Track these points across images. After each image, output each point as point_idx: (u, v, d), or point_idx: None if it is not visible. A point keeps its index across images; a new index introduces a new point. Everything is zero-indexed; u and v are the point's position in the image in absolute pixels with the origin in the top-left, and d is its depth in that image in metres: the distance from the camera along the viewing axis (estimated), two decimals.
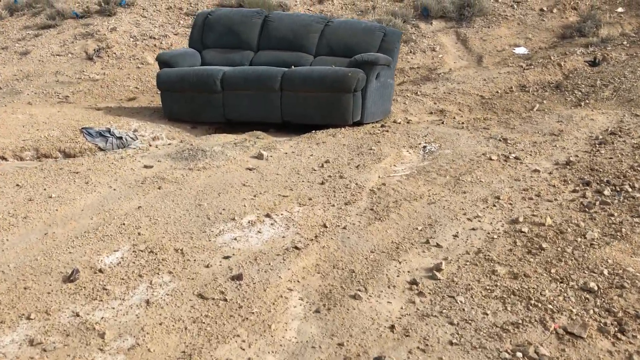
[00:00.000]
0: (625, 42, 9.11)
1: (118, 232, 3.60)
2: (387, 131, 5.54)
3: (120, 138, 5.89)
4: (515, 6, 11.36)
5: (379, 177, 4.40)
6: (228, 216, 3.76)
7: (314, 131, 5.75)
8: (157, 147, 5.51)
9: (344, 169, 4.56)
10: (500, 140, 5.04)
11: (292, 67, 5.96)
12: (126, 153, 5.28)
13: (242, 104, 6.02)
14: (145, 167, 4.82)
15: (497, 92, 7.02)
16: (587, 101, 6.34)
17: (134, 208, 3.95)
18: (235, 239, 3.47)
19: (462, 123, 5.77)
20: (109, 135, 5.92)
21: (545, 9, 11.25)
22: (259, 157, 4.91)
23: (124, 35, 10.21)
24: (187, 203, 3.99)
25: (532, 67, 7.74)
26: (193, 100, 6.15)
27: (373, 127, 5.80)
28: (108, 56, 9.61)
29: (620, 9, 11.04)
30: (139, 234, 3.57)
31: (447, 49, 10.09)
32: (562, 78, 7.31)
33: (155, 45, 9.97)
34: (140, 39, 10.13)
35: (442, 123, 5.79)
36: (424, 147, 5.03)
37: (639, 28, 10.15)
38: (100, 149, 5.81)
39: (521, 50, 10.05)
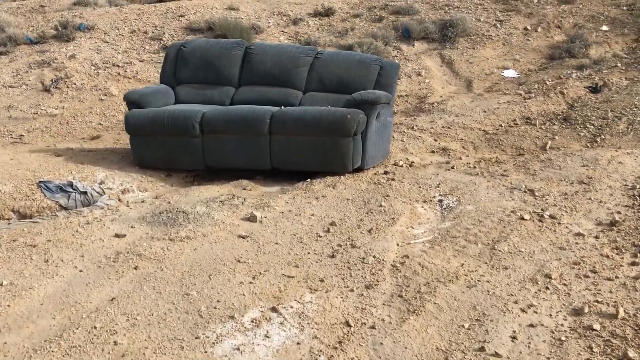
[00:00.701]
0: (619, 64, 8.71)
1: (88, 341, 2.85)
2: (393, 179, 4.89)
3: (85, 193, 5.09)
4: (499, 25, 10.95)
5: (398, 244, 3.74)
6: (225, 312, 3.04)
7: (309, 180, 5.06)
8: (128, 204, 4.73)
9: (354, 235, 3.88)
10: (525, 191, 4.44)
11: (282, 107, 5.27)
12: (92, 215, 4.50)
13: (225, 150, 5.29)
14: (117, 236, 4.06)
15: (501, 125, 6.46)
16: (603, 137, 5.82)
17: (106, 300, 3.20)
18: (237, 348, 2.75)
19: (474, 166, 5.16)
20: (71, 190, 5.12)
21: (529, 27, 10.86)
22: (252, 219, 4.20)
23: (85, 63, 9.38)
24: (171, 291, 3.25)
25: (533, 95, 7.23)
26: (168, 146, 5.40)
27: (375, 173, 5.14)
28: (67, 87, 8.77)
29: (605, 27, 10.72)
30: (115, 342, 2.83)
31: (432, 72, 9.57)
32: (566, 108, 6.80)
33: (119, 73, 9.18)
34: (102, 67, 9.31)
35: (452, 168, 5.17)
36: (440, 200, 4.39)
37: (629, 48, 9.80)
38: (62, 207, 5.01)
39: (510, 73, 9.59)
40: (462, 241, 3.72)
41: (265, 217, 4.23)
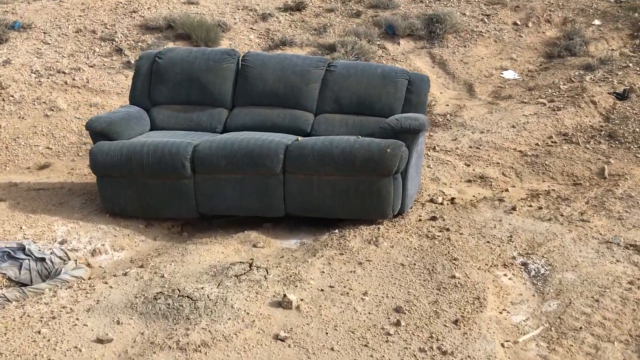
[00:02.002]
0: (630, 64, 7.94)
1: None
2: (448, 229, 3.86)
3: (42, 260, 3.83)
4: (487, 20, 10.06)
5: (503, 345, 2.70)
6: None
7: (337, 232, 3.97)
8: (106, 280, 3.50)
9: (436, 330, 2.82)
10: (626, 247, 3.49)
11: (298, 139, 4.12)
12: (58, 302, 3.26)
13: (224, 193, 4.13)
14: (99, 341, 2.86)
15: (537, 144, 5.53)
16: None
17: None
18: None
19: (539, 207, 4.19)
20: (23, 256, 3.85)
21: (518, 22, 10.03)
22: (285, 304, 3.07)
23: (23, 70, 7.89)
24: None
25: (561, 105, 6.33)
26: (149, 190, 4.19)
27: (420, 219, 4.09)
28: (3, 100, 7.29)
29: (597, 22, 10.00)
30: None
31: (425, 74, 8.53)
32: (602, 120, 5.95)
33: (66, 82, 7.75)
34: (45, 75, 7.85)
35: (513, 209, 4.18)
36: (524, 264, 3.39)
37: (633, 45, 9.08)
38: (11, 281, 3.77)
39: (510, 75, 8.73)
40: (589, 337, 2.72)
41: (302, 300, 3.12)
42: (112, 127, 4.32)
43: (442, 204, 4.43)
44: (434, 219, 4.09)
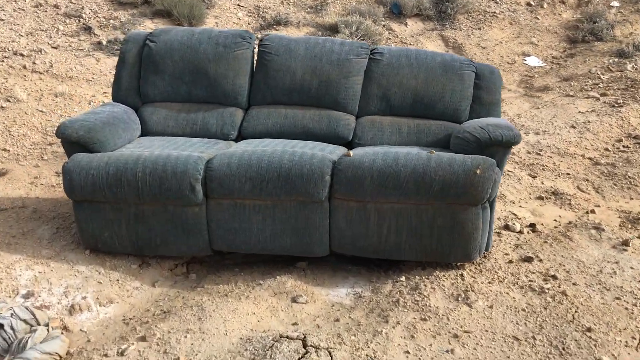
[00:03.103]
0: None
1: None
2: (555, 277, 2.89)
3: (1, 326, 2.74)
4: (498, 0, 9.09)
5: None
6: None
7: (404, 280, 2.96)
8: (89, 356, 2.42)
9: None
10: None
11: (348, 152, 3.06)
12: None
13: (248, 226, 3.07)
14: None
15: (607, 149, 4.60)
16: None
17: None
18: None
19: None
20: None
21: (532, 3, 9.10)
22: None
23: None
24: None
25: (621, 101, 5.41)
26: (144, 220, 3.10)
27: (510, 261, 3.11)
28: None
29: (615, 3, 9.13)
30: None
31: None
32: None
33: (25, 66, 6.49)
34: None
35: (625, 245, 3.23)
36: None
37: None
38: None
39: (534, 61, 7.81)
40: None
41: None
42: (93, 134, 3.18)
43: (521, 232, 3.46)
44: (528, 259, 3.10)
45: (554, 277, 2.91)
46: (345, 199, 3.01)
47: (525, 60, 7.89)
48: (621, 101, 5.41)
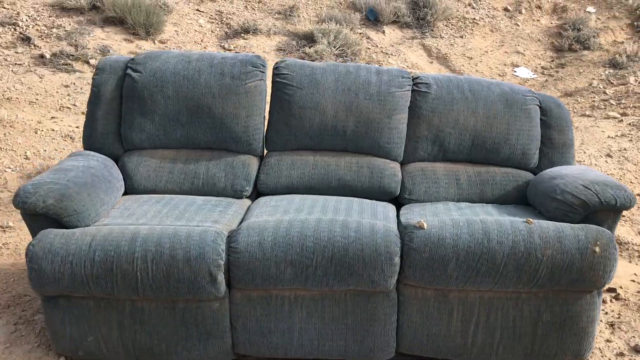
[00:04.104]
0: None
1: None
2: None
3: None
4: (475, 5, 8.58)
5: None
6: None
7: None
8: None
9: None
10: None
11: (420, 222, 2.30)
12: None
13: (286, 326, 2.28)
14: None
15: None
16: None
17: None
18: None
19: None
20: None
21: (510, 8, 8.65)
22: None
23: None
24: None
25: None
26: (144, 321, 2.27)
27: (620, 354, 2.45)
28: None
29: (591, 9, 8.81)
30: None
31: (425, 72, 6.98)
32: None
33: None
34: None
35: None
36: None
37: None
38: None
39: (524, 73, 7.31)
40: None
41: None
42: (67, 203, 2.31)
43: (604, 301, 2.83)
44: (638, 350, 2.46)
45: None
46: (419, 286, 2.27)
47: (515, 71, 7.39)
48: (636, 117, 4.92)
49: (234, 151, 2.87)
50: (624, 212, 3.66)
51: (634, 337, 2.55)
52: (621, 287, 2.99)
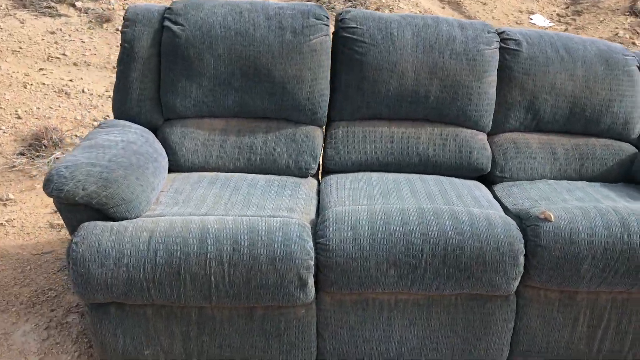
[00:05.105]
0: None
1: None
2: None
3: None
4: None
5: None
6: None
7: None
8: None
9: None
10: None
11: (548, 214, 1.93)
12: None
13: (384, 334, 1.95)
14: None
15: None
16: None
17: None
18: None
19: None
20: None
21: None
22: None
23: None
24: None
25: None
26: (212, 332, 1.90)
27: None
28: None
29: None
30: None
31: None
32: None
33: None
34: None
35: None
36: None
37: None
38: None
39: (541, 21, 6.88)
40: None
41: None
42: (114, 190, 1.87)
43: None
44: None
45: None
46: (543, 288, 1.93)
47: (531, 19, 6.96)
48: None
49: (295, 121, 2.44)
50: None
51: None
52: None
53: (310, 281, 1.84)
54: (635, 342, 1.99)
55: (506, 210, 2.11)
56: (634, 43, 5.80)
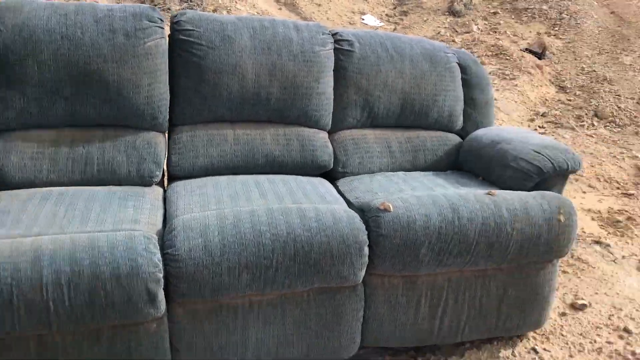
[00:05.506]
0: (500, 11, 7.15)
1: None
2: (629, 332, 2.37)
3: None
4: None
5: None
6: None
7: None
8: None
9: None
10: None
11: (387, 205, 2.05)
12: None
13: (240, 339, 1.96)
14: None
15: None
16: None
17: None
18: None
19: None
20: None
21: None
22: None
23: None
24: None
25: (508, 72, 5.12)
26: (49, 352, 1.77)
27: (562, 314, 2.51)
28: None
29: None
30: None
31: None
32: (558, 90, 4.93)
33: None
34: None
35: None
36: None
37: None
38: None
39: (372, 21, 7.31)
40: None
41: None
42: None
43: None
44: (581, 307, 2.53)
45: (627, 331, 2.38)
46: (387, 275, 2.05)
47: (363, 19, 7.33)
48: (508, 72, 5.14)
49: (134, 128, 2.34)
50: None
51: (566, 293, 2.61)
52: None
53: (161, 294, 1.78)
54: (469, 316, 2.18)
55: (349, 204, 2.20)
56: (454, 41, 6.34)
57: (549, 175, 2.28)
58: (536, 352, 2.25)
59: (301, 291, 1.97)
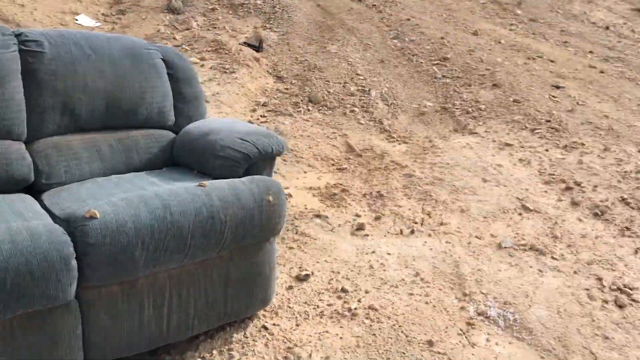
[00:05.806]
0: (218, 7, 7.39)
1: None
2: (359, 301, 2.66)
3: None
4: None
5: None
6: None
7: None
8: None
9: None
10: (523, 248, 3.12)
11: (94, 212, 1.94)
12: None
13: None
14: None
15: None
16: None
17: None
18: None
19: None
20: None
21: None
22: None
23: None
24: None
25: (228, 66, 5.26)
26: None
27: (289, 287, 2.69)
28: None
29: None
30: None
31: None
32: (277, 80, 5.26)
33: None
34: None
35: (362, 230, 3.20)
36: (485, 313, 2.62)
37: None
38: None
39: (87, 21, 6.96)
40: None
41: None
42: None
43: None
44: (304, 278, 2.73)
45: (344, 291, 2.65)
46: (102, 285, 1.96)
47: (77, 19, 6.86)
48: (228, 66, 5.28)
49: None
50: None
51: (292, 267, 2.79)
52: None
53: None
54: (197, 308, 2.20)
55: (54, 217, 2.03)
56: (174, 38, 6.30)
57: (256, 160, 2.40)
58: (266, 328, 2.36)
59: (4, 321, 1.76)
